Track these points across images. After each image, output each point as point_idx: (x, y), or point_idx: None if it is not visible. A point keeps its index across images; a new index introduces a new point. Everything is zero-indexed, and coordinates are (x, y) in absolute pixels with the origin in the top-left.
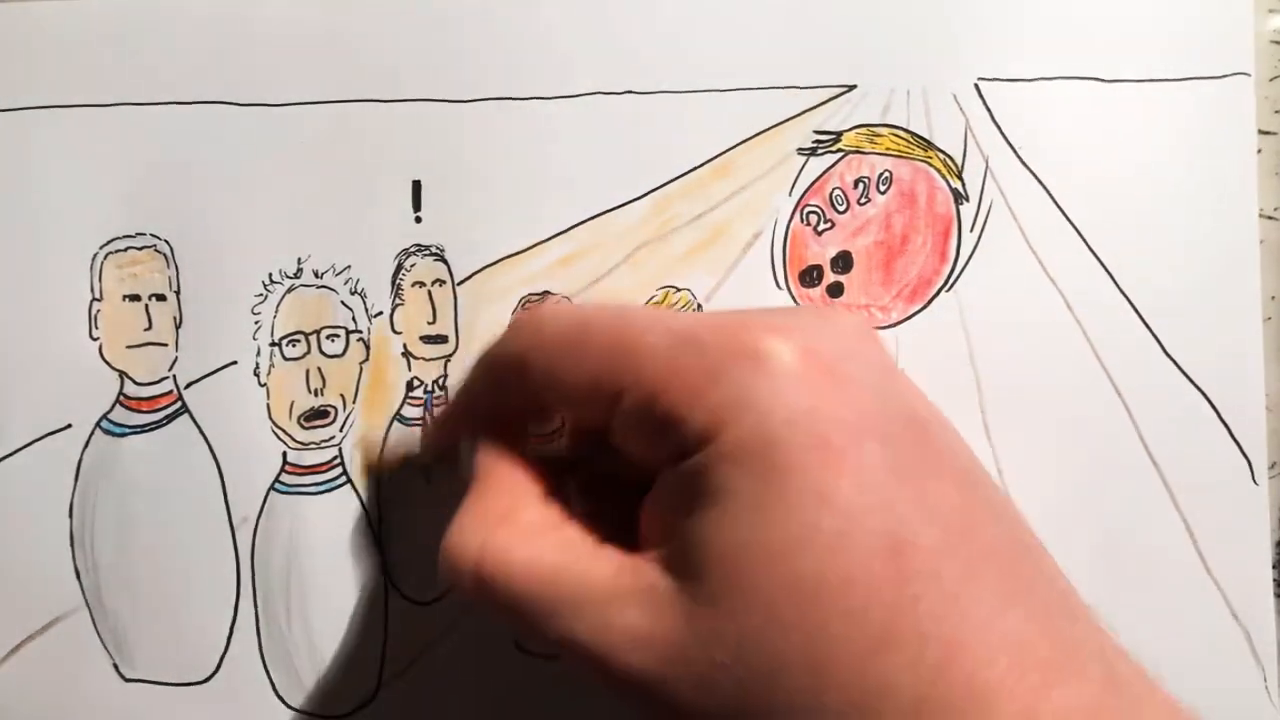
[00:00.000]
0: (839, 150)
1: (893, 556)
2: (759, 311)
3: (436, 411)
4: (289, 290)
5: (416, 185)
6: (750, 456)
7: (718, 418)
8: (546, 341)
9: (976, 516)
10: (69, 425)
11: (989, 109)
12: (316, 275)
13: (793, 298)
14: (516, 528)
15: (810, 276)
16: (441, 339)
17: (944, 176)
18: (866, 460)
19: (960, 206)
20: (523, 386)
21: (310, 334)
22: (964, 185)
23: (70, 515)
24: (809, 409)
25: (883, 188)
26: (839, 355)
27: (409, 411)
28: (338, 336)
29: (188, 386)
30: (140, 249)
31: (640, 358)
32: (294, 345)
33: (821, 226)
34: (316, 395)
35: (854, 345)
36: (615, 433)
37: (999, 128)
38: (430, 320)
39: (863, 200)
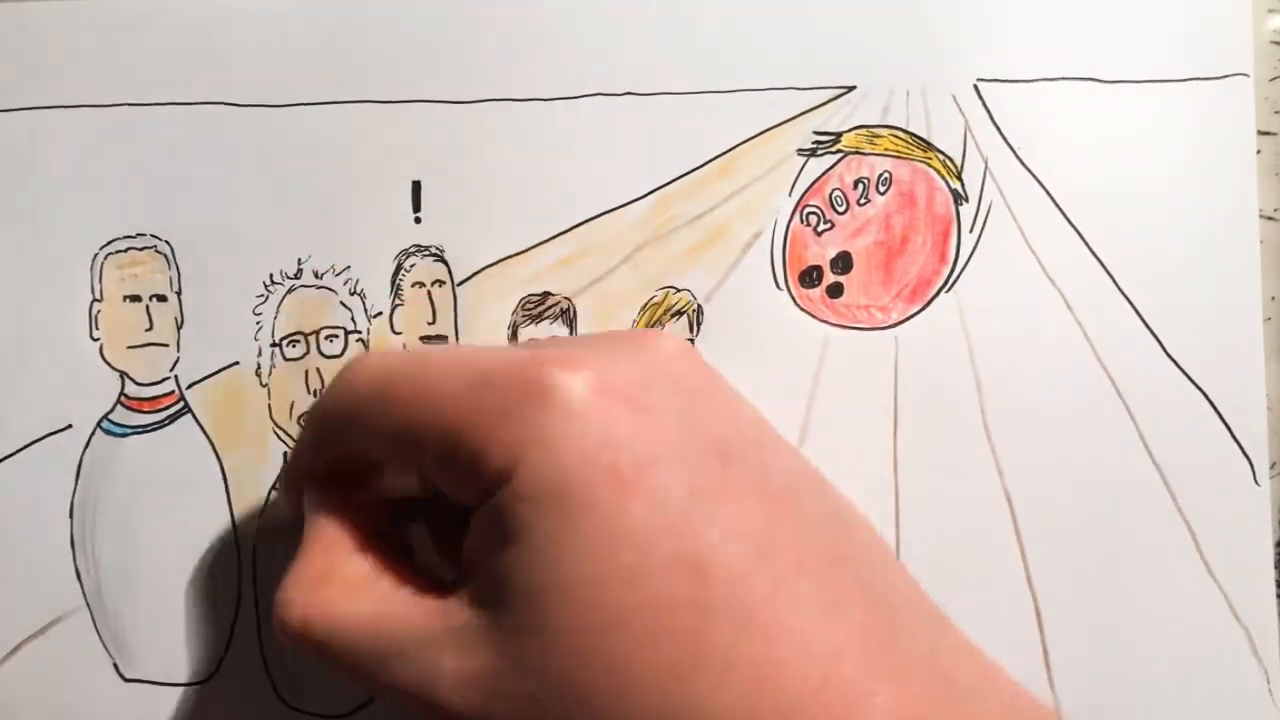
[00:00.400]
0: (838, 151)
1: (693, 581)
2: (560, 342)
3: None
4: (289, 291)
5: (416, 186)
6: (545, 495)
7: (513, 456)
8: (358, 395)
9: (787, 533)
10: (69, 425)
11: (988, 109)
12: (316, 275)
13: (793, 298)
14: (336, 585)
15: (810, 277)
16: (441, 339)
17: (943, 177)
18: (661, 486)
19: (960, 207)
20: (342, 441)
21: (310, 334)
22: (963, 186)
23: (71, 516)
24: (601, 441)
25: (882, 188)
26: (639, 382)
27: None
28: (336, 337)
29: (189, 387)
30: (141, 249)
31: (438, 403)
32: (294, 346)
33: (821, 227)
34: (316, 396)
35: (661, 370)
36: (431, 478)
37: (998, 128)
38: (430, 321)
39: (862, 201)
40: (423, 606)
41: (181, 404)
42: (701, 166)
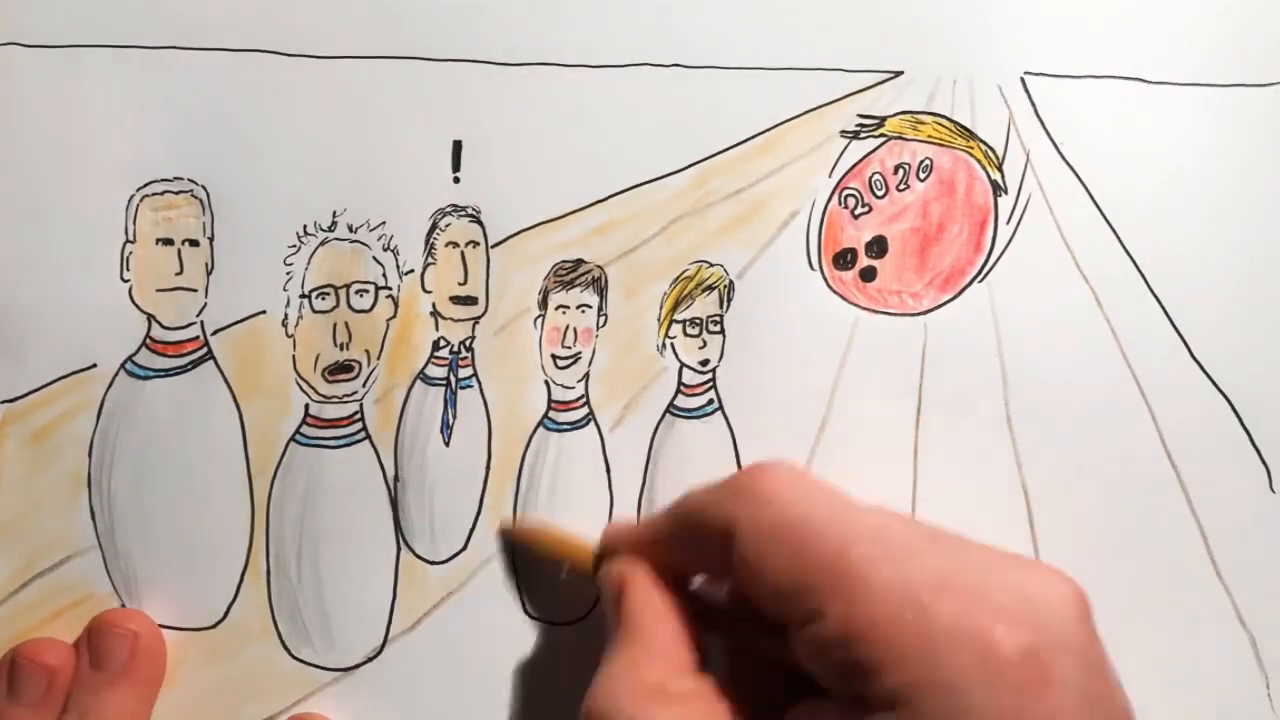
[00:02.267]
0: (881, 135)
1: None
2: (984, 573)
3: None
4: (322, 243)
5: (457, 145)
6: None
7: (921, 692)
8: (763, 524)
9: None
10: (94, 365)
11: (1033, 103)
12: (350, 229)
13: (825, 279)
14: (669, 705)
15: (844, 259)
16: (471, 300)
17: (984, 167)
18: None
19: (998, 198)
20: (720, 553)
21: (340, 288)
22: (1003, 177)
23: (89, 455)
24: (1013, 711)
25: (922, 175)
26: (1056, 649)
27: (433, 371)
28: (367, 292)
29: (214, 333)
30: (177, 193)
31: (857, 591)
32: (323, 298)
33: (859, 210)
34: (342, 349)
35: (1070, 636)
36: (799, 642)
37: (1042, 122)
38: (461, 281)
39: (902, 186)
40: None
41: (205, 350)
42: (744, 143)
